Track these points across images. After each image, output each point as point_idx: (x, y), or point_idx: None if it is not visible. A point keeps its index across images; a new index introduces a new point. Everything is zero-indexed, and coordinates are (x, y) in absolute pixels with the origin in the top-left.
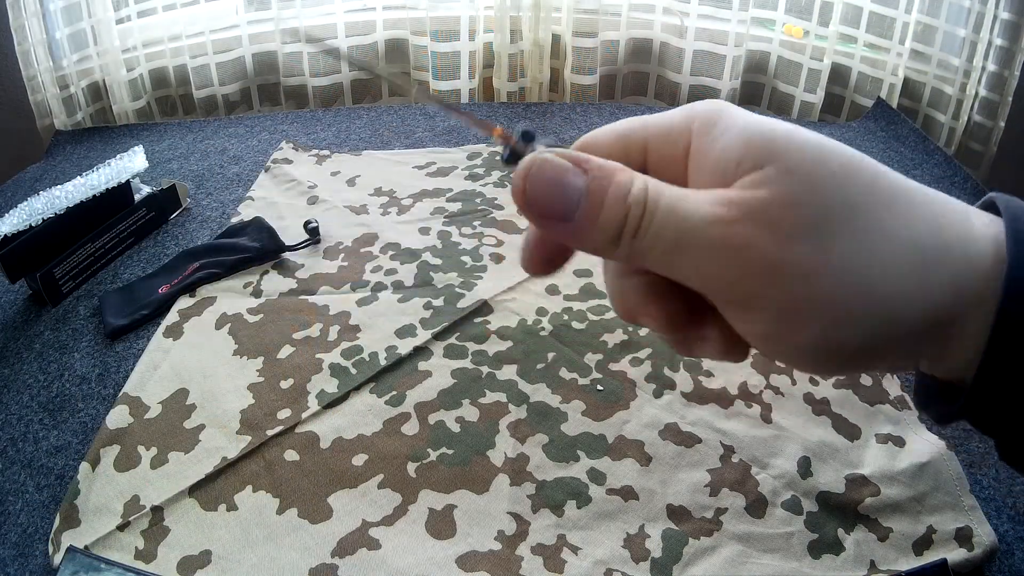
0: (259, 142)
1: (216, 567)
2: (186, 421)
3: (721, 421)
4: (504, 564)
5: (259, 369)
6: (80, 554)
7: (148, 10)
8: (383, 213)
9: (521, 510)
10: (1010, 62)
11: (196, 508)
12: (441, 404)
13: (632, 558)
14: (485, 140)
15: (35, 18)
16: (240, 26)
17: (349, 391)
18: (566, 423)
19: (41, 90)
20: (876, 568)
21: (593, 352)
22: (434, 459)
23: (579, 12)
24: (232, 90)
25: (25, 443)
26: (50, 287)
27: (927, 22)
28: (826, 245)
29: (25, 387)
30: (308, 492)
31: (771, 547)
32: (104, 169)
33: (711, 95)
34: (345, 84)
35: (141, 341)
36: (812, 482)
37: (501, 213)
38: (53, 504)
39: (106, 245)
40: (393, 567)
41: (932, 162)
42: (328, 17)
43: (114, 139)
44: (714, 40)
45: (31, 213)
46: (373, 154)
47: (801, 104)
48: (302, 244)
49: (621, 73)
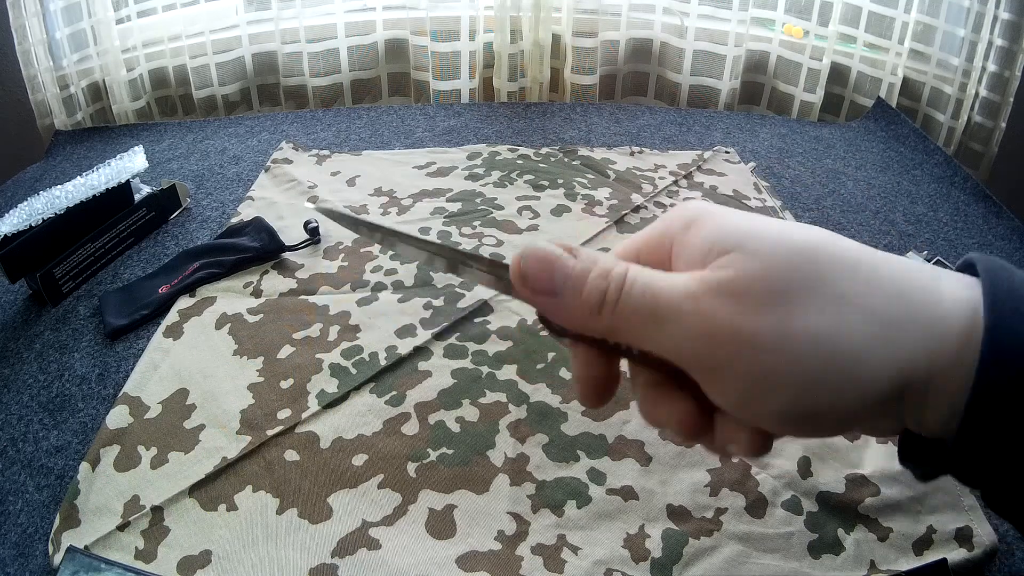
0: (259, 142)
1: (216, 567)
2: (186, 421)
3: None
4: (504, 564)
5: (259, 369)
6: (80, 554)
7: (148, 10)
8: (383, 213)
9: (521, 510)
10: (1011, 62)
11: (196, 508)
12: (441, 404)
13: (632, 558)
14: (487, 140)
15: (35, 18)
16: (240, 26)
17: (349, 391)
18: (566, 423)
19: (41, 90)
20: (876, 568)
21: None
22: (434, 459)
23: (579, 12)
24: (232, 90)
25: (25, 443)
26: (50, 287)
27: (927, 22)
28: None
29: (25, 387)
30: (308, 492)
31: (771, 547)
32: (104, 169)
33: (711, 95)
34: (345, 84)
35: (141, 341)
36: (812, 482)
37: (501, 213)
38: (53, 504)
39: (106, 245)
40: (393, 567)
41: (932, 162)
42: (328, 17)
43: (114, 139)
44: (714, 40)
45: (31, 213)
46: (373, 154)
47: (801, 104)
48: (302, 244)
49: (621, 73)
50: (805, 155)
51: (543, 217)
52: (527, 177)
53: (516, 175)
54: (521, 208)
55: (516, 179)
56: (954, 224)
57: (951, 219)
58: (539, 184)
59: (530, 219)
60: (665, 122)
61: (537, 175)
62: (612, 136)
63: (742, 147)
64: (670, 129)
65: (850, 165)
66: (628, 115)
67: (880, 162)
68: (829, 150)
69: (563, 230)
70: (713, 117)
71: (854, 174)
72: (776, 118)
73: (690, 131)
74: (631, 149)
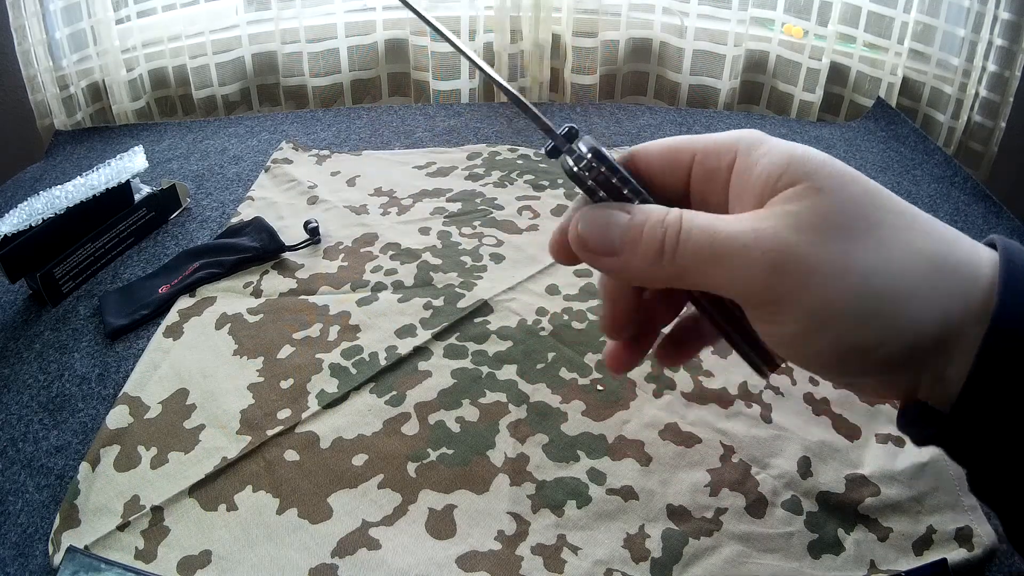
0: (259, 142)
1: (216, 567)
2: (186, 421)
3: (721, 421)
4: (504, 564)
5: (259, 369)
6: (80, 554)
7: (148, 10)
8: (383, 213)
9: (521, 510)
10: (1011, 62)
11: (196, 508)
12: (441, 404)
13: (632, 558)
14: (487, 140)
15: (35, 18)
16: (240, 26)
17: (349, 391)
18: (566, 423)
19: (41, 90)
20: (876, 568)
21: (593, 352)
22: (434, 459)
23: (579, 12)
24: (232, 90)
25: (25, 443)
26: (50, 287)
27: (926, 22)
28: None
29: (25, 387)
30: (308, 492)
31: (771, 547)
32: (104, 169)
33: (711, 95)
34: (345, 84)
35: (141, 341)
36: (812, 482)
37: (501, 213)
38: (53, 504)
39: (106, 245)
40: (393, 567)
41: (932, 162)
42: (328, 17)
43: (114, 139)
44: (714, 40)
45: (31, 213)
46: (373, 154)
47: (800, 103)
48: (302, 244)
49: (621, 73)
50: None
51: (543, 217)
52: (527, 177)
53: (516, 175)
54: (521, 208)
55: (516, 179)
56: (954, 224)
57: (951, 219)
58: (539, 184)
59: (530, 219)
60: (665, 122)
61: (537, 175)
62: (612, 136)
63: None
64: (670, 129)
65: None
66: (628, 115)
67: (880, 162)
68: (829, 150)
69: None
70: (713, 117)
71: None
72: (776, 118)
73: (690, 131)
74: (631, 149)
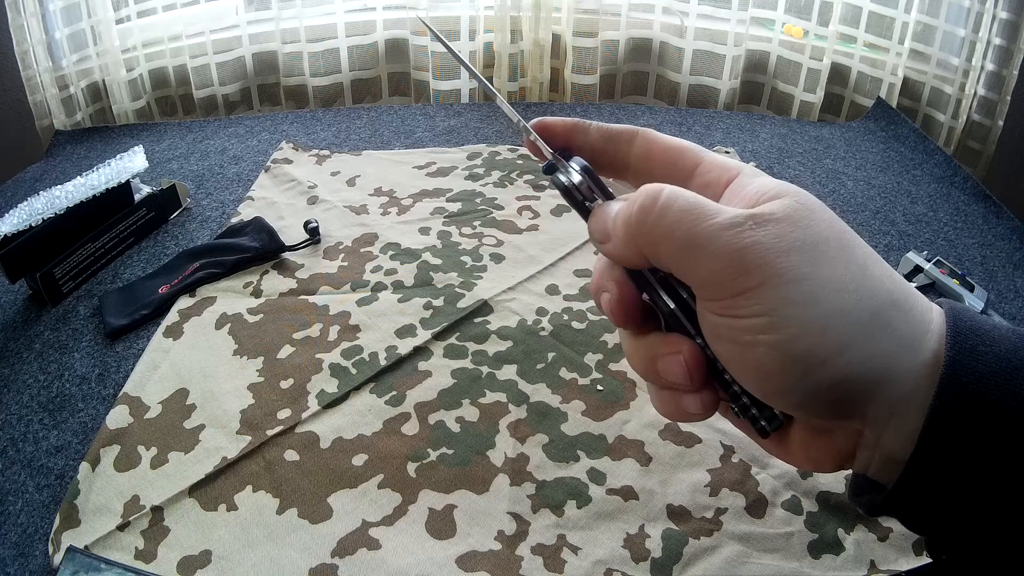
0: (259, 142)
1: (216, 567)
2: (186, 421)
3: (721, 421)
4: (504, 564)
5: (259, 369)
6: (80, 554)
7: (148, 10)
8: (383, 213)
9: (521, 510)
10: (1009, 61)
11: (196, 508)
12: (441, 404)
13: (632, 558)
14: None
15: (35, 18)
16: (240, 26)
17: (349, 391)
18: (566, 423)
19: (41, 90)
20: (876, 568)
21: (593, 352)
22: (434, 459)
23: (579, 12)
24: (232, 90)
25: (25, 443)
26: (50, 287)
27: (927, 22)
28: (817, 262)
29: (25, 387)
30: (308, 492)
31: (771, 547)
32: (104, 169)
33: (711, 94)
34: (345, 84)
35: (141, 341)
36: (812, 482)
37: (501, 213)
38: (53, 504)
39: (106, 245)
40: (393, 567)
41: (932, 162)
42: (328, 17)
43: (114, 139)
44: (714, 40)
45: (31, 213)
46: (373, 154)
47: (801, 104)
48: (302, 244)
49: (621, 73)
50: (805, 155)
51: (543, 217)
52: (527, 177)
53: (516, 175)
54: (521, 208)
55: (516, 179)
56: (954, 224)
57: (951, 219)
58: (539, 184)
59: (530, 219)
60: (665, 122)
61: (537, 175)
62: None
63: (742, 147)
64: (670, 129)
65: (850, 165)
66: (628, 115)
67: (880, 162)
68: (829, 150)
69: (563, 230)
70: (713, 117)
71: (854, 174)
72: (776, 118)
73: (690, 131)
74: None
